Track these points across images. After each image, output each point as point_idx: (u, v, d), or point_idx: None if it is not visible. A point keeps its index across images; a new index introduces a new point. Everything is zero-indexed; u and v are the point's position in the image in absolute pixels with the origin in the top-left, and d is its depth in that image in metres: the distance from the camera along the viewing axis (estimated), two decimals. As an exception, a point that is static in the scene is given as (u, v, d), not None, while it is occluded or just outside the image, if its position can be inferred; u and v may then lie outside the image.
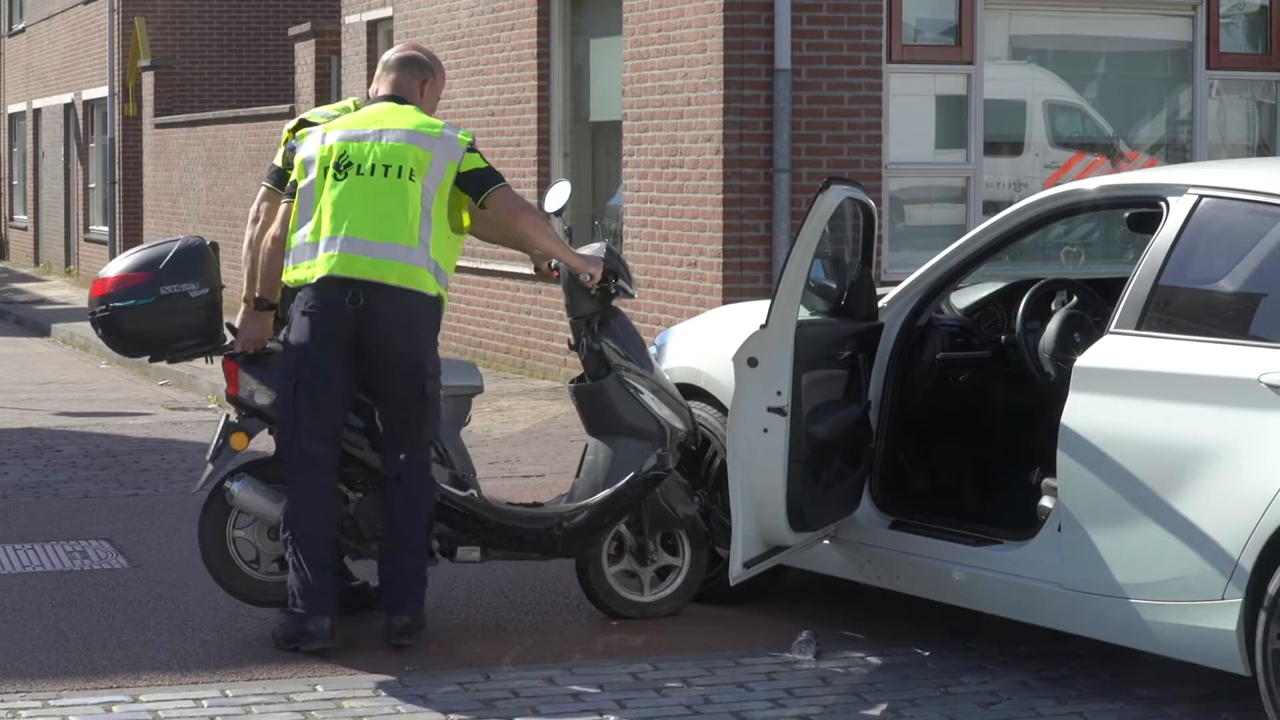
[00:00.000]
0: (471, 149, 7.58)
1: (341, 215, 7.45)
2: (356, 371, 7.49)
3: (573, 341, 8.00)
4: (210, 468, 7.75)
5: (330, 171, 7.51)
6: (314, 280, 7.43)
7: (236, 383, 7.72)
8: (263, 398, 7.68)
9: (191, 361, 8.16)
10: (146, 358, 8.10)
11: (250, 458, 7.88)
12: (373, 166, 7.48)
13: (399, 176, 7.47)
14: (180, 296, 7.76)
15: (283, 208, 7.72)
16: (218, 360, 7.88)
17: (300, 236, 7.53)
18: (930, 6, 13.82)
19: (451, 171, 7.52)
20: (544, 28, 16.33)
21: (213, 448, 7.78)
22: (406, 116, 7.63)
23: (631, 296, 8.09)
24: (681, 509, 8.02)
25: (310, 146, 7.64)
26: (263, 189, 8.05)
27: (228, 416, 7.81)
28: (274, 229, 7.72)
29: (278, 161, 8.02)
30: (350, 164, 7.50)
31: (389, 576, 7.56)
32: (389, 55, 7.90)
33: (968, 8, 13.66)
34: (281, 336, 7.67)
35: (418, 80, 7.80)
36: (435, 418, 7.59)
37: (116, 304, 7.78)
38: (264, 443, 7.92)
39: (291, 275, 7.54)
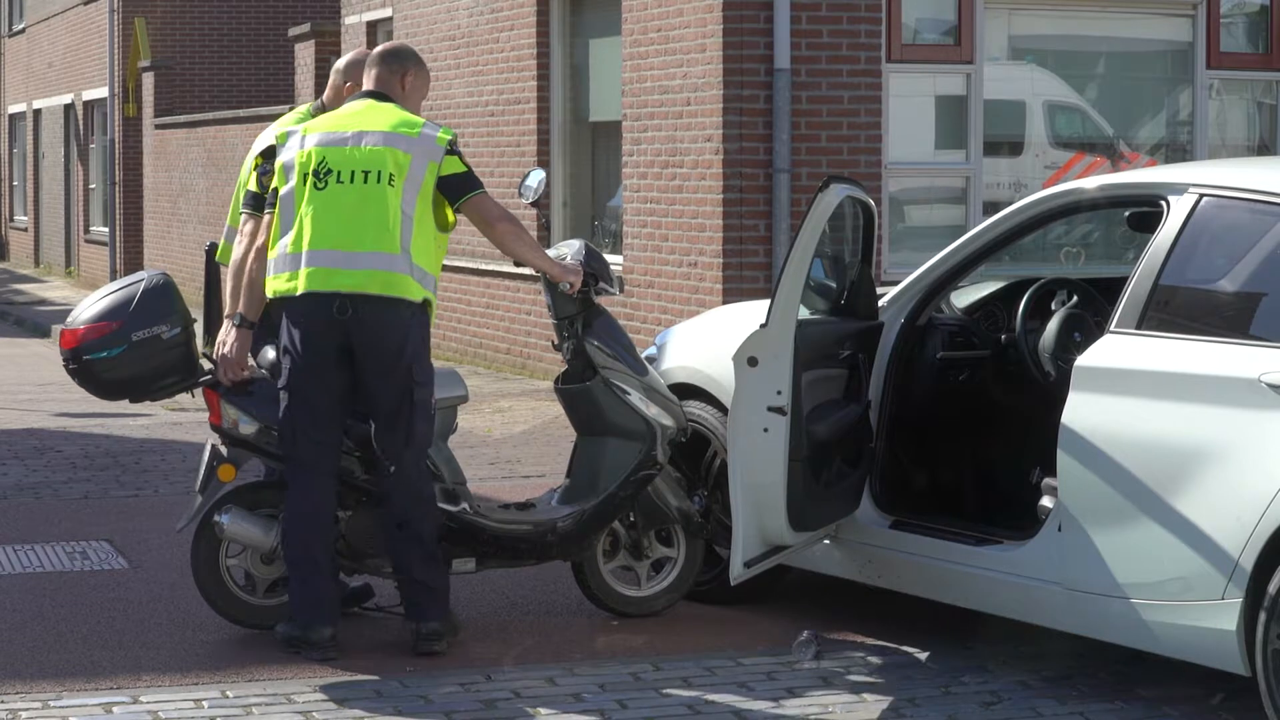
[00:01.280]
0: (451, 150, 7.46)
1: (322, 226, 7.36)
2: (349, 378, 7.43)
3: (557, 343, 7.98)
4: (199, 499, 7.65)
5: (310, 179, 7.41)
6: (298, 294, 7.36)
7: (219, 413, 7.63)
8: (247, 427, 7.60)
9: (174, 397, 8.05)
10: (126, 400, 7.92)
11: (233, 485, 7.77)
12: (352, 174, 7.38)
13: (379, 182, 7.36)
14: (153, 341, 7.56)
15: (265, 218, 7.62)
16: (199, 391, 7.76)
17: (282, 246, 7.43)
18: (930, 6, 13.82)
19: (433, 173, 7.42)
20: (543, 28, 16.32)
21: (200, 478, 7.69)
22: (385, 116, 7.51)
23: (614, 294, 8.07)
24: (674, 502, 8.01)
25: (290, 150, 7.53)
26: (243, 217, 7.93)
27: (214, 446, 7.73)
28: (258, 242, 7.62)
29: (253, 187, 7.90)
30: (330, 171, 7.39)
31: (409, 589, 7.48)
32: (370, 52, 7.78)
33: (967, 8, 13.65)
34: (265, 361, 7.63)
35: (398, 74, 7.67)
36: (426, 427, 7.49)
37: (88, 356, 7.55)
38: (251, 469, 7.84)
39: (273, 286, 7.45)
